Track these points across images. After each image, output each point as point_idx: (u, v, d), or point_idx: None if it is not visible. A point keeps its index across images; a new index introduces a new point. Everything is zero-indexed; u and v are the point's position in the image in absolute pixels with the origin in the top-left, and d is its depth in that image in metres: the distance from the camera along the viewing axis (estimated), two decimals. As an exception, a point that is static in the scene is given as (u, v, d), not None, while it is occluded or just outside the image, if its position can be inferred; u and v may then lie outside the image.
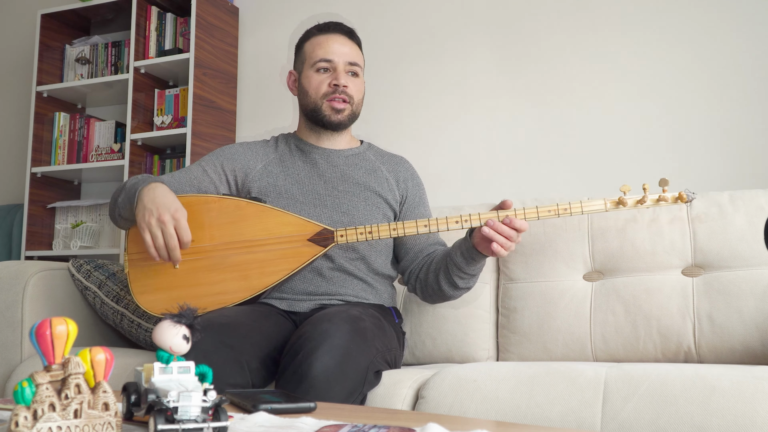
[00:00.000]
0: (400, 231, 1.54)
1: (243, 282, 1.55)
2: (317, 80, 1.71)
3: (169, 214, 1.47)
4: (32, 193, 2.96)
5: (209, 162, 1.73)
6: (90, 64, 3.08)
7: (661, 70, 2.27)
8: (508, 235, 1.46)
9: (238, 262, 1.56)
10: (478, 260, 1.55)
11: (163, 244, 1.48)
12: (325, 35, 1.74)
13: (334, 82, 1.69)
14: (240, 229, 1.57)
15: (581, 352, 1.78)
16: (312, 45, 1.74)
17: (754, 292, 1.67)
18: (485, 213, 1.50)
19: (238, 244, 1.57)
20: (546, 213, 1.51)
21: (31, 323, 1.82)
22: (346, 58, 1.72)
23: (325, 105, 1.70)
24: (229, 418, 0.76)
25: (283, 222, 1.57)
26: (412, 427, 0.78)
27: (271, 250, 1.56)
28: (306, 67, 1.74)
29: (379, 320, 1.51)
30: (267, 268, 1.55)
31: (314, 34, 1.76)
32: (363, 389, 1.36)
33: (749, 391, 1.17)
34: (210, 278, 1.55)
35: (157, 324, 0.79)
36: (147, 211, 1.48)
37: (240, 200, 1.61)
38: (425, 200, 1.83)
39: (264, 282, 1.55)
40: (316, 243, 1.56)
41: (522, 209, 1.50)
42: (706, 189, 2.11)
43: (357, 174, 1.73)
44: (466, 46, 2.54)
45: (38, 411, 0.67)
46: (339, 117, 1.71)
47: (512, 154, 2.43)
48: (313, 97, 1.71)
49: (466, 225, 1.51)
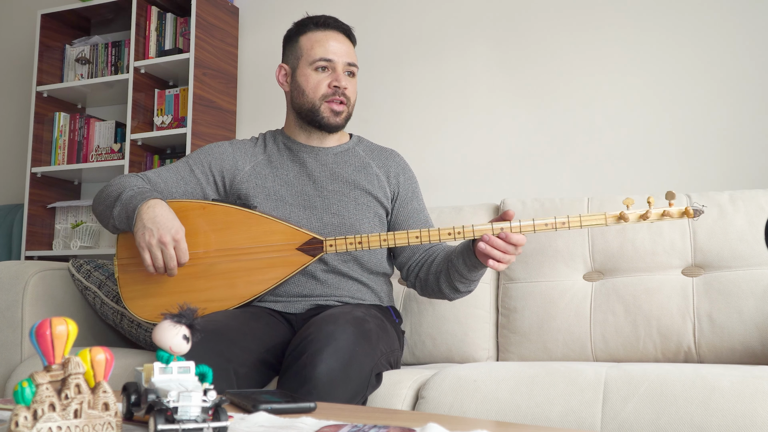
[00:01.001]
0: (391, 242, 1.51)
1: (230, 290, 1.55)
2: (315, 80, 1.67)
3: (170, 235, 1.48)
4: (32, 193, 2.96)
5: (197, 161, 1.71)
6: (90, 64, 3.08)
7: (662, 70, 2.27)
8: (504, 249, 1.43)
9: (225, 270, 1.56)
10: (479, 268, 1.53)
11: (161, 265, 1.50)
12: (324, 32, 1.69)
13: (335, 83, 1.66)
14: (228, 236, 1.57)
15: (581, 352, 1.78)
16: (310, 41, 1.69)
17: (754, 292, 1.67)
18: (479, 225, 1.46)
19: (227, 251, 1.56)
20: (543, 226, 1.46)
21: (31, 323, 1.82)
22: (345, 59, 1.68)
23: (323, 106, 1.67)
24: (229, 418, 0.76)
25: (271, 230, 1.56)
26: (412, 427, 0.78)
27: (259, 259, 1.55)
28: (303, 64, 1.69)
29: (382, 321, 1.50)
30: (254, 277, 1.55)
31: (311, 28, 1.70)
32: (366, 393, 1.35)
33: (749, 391, 1.17)
34: (198, 285, 1.56)
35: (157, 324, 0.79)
36: (147, 231, 1.49)
37: (229, 207, 1.59)
38: (419, 194, 1.79)
39: (251, 290, 1.55)
40: (305, 252, 1.55)
41: (518, 222, 1.44)
42: (706, 189, 2.11)
43: (346, 172, 1.71)
44: (467, 45, 2.54)
45: (38, 411, 0.67)
46: (337, 120, 1.68)
47: (512, 153, 2.43)
48: (310, 97, 1.67)
49: (459, 237, 1.47)
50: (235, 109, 2.91)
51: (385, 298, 1.72)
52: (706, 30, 2.23)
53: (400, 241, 1.51)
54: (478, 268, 1.53)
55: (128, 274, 1.60)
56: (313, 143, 1.74)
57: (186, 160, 1.73)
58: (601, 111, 2.33)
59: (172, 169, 1.70)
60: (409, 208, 1.74)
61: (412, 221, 1.73)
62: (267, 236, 1.56)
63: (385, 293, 1.72)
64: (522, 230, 1.45)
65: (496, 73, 2.49)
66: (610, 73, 2.34)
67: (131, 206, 1.53)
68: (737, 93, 2.18)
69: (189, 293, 1.55)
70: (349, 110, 1.71)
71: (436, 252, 1.67)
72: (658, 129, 2.26)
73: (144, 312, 1.57)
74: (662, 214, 1.43)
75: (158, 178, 1.67)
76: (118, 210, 1.56)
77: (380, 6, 2.70)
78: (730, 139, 2.17)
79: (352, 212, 1.66)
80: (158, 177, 1.67)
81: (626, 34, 2.33)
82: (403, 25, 2.65)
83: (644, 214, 1.43)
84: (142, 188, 1.59)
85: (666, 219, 1.43)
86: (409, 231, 1.50)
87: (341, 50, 1.68)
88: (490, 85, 2.49)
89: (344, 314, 1.40)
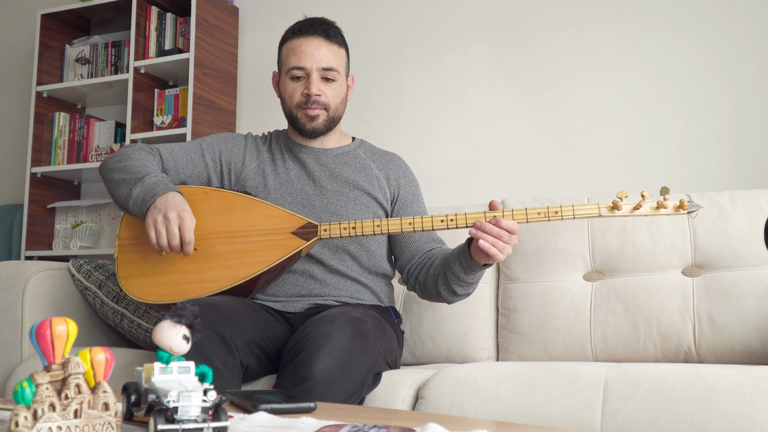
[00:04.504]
0: (384, 228, 1.53)
1: (225, 271, 1.56)
2: (291, 88, 1.69)
3: (176, 212, 1.51)
4: (32, 193, 2.96)
5: (209, 146, 1.75)
6: (90, 64, 3.08)
7: (662, 69, 2.27)
8: (497, 234, 1.42)
9: (221, 251, 1.58)
10: (476, 270, 1.53)
11: (165, 243, 1.52)
12: (300, 39, 1.68)
13: (306, 91, 1.67)
14: (227, 219, 1.60)
15: (581, 352, 1.78)
16: (287, 50, 1.70)
17: (754, 292, 1.67)
18: (472, 213, 1.48)
19: (224, 234, 1.59)
20: (535, 215, 1.46)
21: (31, 323, 1.82)
22: (319, 64, 1.66)
23: (300, 113, 1.69)
24: (229, 418, 0.76)
25: (268, 214, 1.59)
26: (412, 427, 0.78)
27: (254, 241, 1.57)
28: (282, 73, 1.72)
29: (380, 321, 1.50)
30: (248, 259, 1.56)
31: (290, 37, 1.71)
32: (362, 392, 1.36)
33: (749, 391, 1.17)
34: (194, 266, 1.58)
35: (157, 324, 0.79)
36: (156, 210, 1.53)
37: (230, 192, 1.63)
38: (419, 197, 1.80)
39: (244, 272, 1.56)
40: (300, 236, 1.56)
41: (510, 211, 1.46)
42: (706, 189, 2.11)
43: (346, 173, 1.72)
44: (466, 45, 2.54)
45: (38, 411, 0.67)
46: (314, 124, 1.69)
47: (512, 153, 2.43)
48: (288, 105, 1.71)
49: (451, 224, 1.50)
50: (235, 109, 2.91)
51: (385, 299, 1.72)
52: (706, 29, 2.23)
53: (394, 228, 1.53)
54: (475, 270, 1.53)
55: (127, 254, 1.63)
56: (313, 144, 1.75)
57: (200, 142, 1.76)
58: (601, 111, 2.33)
59: (184, 149, 1.73)
60: (409, 211, 1.75)
61: None
62: (264, 220, 1.59)
63: (385, 294, 1.72)
64: (515, 218, 1.46)
65: (495, 73, 2.49)
66: (610, 72, 2.34)
67: (151, 193, 1.56)
68: (737, 92, 2.18)
69: (183, 273, 1.57)
70: (329, 114, 1.70)
71: (435, 255, 1.67)
72: (658, 129, 2.26)
73: (137, 291, 1.59)
74: (656, 207, 1.42)
75: (169, 156, 1.71)
76: (138, 191, 1.58)
77: (379, 5, 2.70)
78: (730, 139, 2.17)
79: (351, 211, 1.67)
80: (169, 155, 1.71)
81: (626, 34, 2.33)
82: (402, 25, 2.65)
83: (637, 205, 1.43)
84: (165, 178, 1.62)
85: (661, 212, 1.42)
86: (403, 218, 1.53)
87: (316, 56, 1.67)
88: (489, 84, 2.49)
89: (342, 314, 1.41)
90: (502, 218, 1.43)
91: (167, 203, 1.53)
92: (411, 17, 2.64)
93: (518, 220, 1.46)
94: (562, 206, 1.47)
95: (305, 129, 1.70)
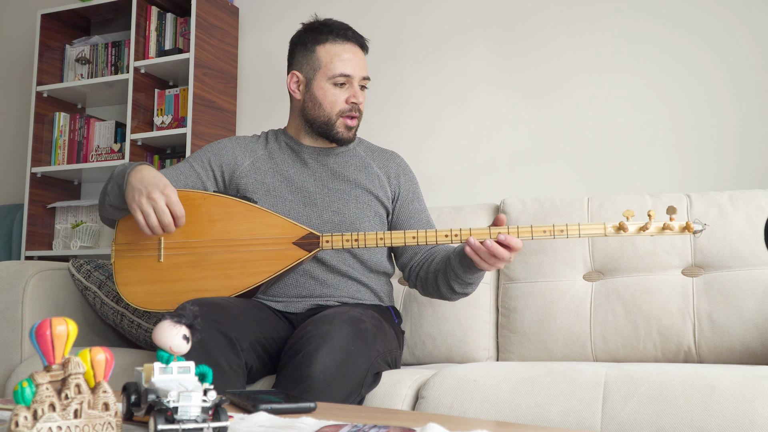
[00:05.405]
0: (388, 241, 1.51)
1: (224, 281, 1.55)
2: (333, 94, 1.65)
3: (159, 190, 1.47)
4: (32, 193, 2.96)
5: (197, 158, 1.73)
6: (90, 64, 3.08)
7: (662, 70, 2.27)
8: (485, 259, 1.43)
9: (220, 260, 1.56)
10: (474, 270, 1.53)
11: (156, 222, 1.47)
12: (343, 44, 1.66)
13: (353, 99, 1.65)
14: (226, 227, 1.57)
15: (581, 352, 1.78)
16: (329, 54, 1.66)
17: (754, 292, 1.67)
18: (477, 228, 1.46)
19: (223, 242, 1.56)
20: (540, 233, 1.44)
21: (31, 323, 1.82)
22: (362, 73, 1.68)
23: (339, 122, 1.66)
24: (229, 418, 0.76)
25: (269, 223, 1.56)
26: (412, 427, 0.78)
27: (255, 251, 1.55)
28: (320, 77, 1.66)
29: (380, 321, 1.50)
30: (249, 269, 1.54)
31: (330, 39, 1.67)
32: (361, 392, 1.36)
33: (749, 391, 1.17)
34: (192, 275, 1.56)
35: (157, 324, 0.79)
36: (136, 191, 1.47)
37: (229, 198, 1.60)
38: (419, 195, 1.80)
39: (245, 282, 1.54)
40: (301, 247, 1.54)
41: (516, 227, 1.44)
42: (706, 189, 2.11)
43: (347, 171, 1.71)
44: (466, 45, 2.54)
45: (38, 411, 0.67)
46: (350, 134, 1.69)
47: (512, 153, 2.43)
48: (327, 111, 1.66)
49: (455, 239, 1.47)
50: (235, 109, 2.91)
51: (385, 298, 1.72)
52: (707, 30, 2.23)
53: (397, 241, 1.51)
54: (473, 270, 1.53)
55: (124, 260, 1.60)
56: (316, 144, 1.74)
57: (187, 159, 1.75)
58: (601, 111, 2.33)
59: (173, 169, 1.71)
60: (410, 209, 1.75)
61: (413, 221, 1.73)
62: (264, 229, 1.56)
63: (385, 293, 1.72)
64: (519, 235, 1.44)
65: (495, 73, 2.49)
66: (610, 72, 2.34)
67: (121, 177, 1.53)
68: (737, 93, 2.18)
69: (182, 282, 1.55)
70: (359, 122, 1.71)
71: (437, 251, 1.67)
72: (658, 129, 2.26)
73: (135, 298, 1.57)
74: (663, 228, 1.40)
75: None
76: (111, 185, 1.57)
77: (379, 5, 2.70)
78: (730, 139, 2.17)
79: (352, 210, 1.67)
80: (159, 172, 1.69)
81: (626, 34, 2.33)
82: (402, 25, 2.65)
83: (644, 225, 1.41)
84: (131, 162, 1.59)
85: (666, 233, 1.41)
86: (407, 231, 1.50)
87: (360, 64, 1.67)
88: (489, 84, 2.49)
89: (341, 314, 1.41)
90: (492, 245, 1.41)
91: (144, 181, 1.48)
92: (411, 18, 2.64)
93: (523, 237, 1.44)
94: (567, 225, 1.44)
95: (341, 138, 1.68)
